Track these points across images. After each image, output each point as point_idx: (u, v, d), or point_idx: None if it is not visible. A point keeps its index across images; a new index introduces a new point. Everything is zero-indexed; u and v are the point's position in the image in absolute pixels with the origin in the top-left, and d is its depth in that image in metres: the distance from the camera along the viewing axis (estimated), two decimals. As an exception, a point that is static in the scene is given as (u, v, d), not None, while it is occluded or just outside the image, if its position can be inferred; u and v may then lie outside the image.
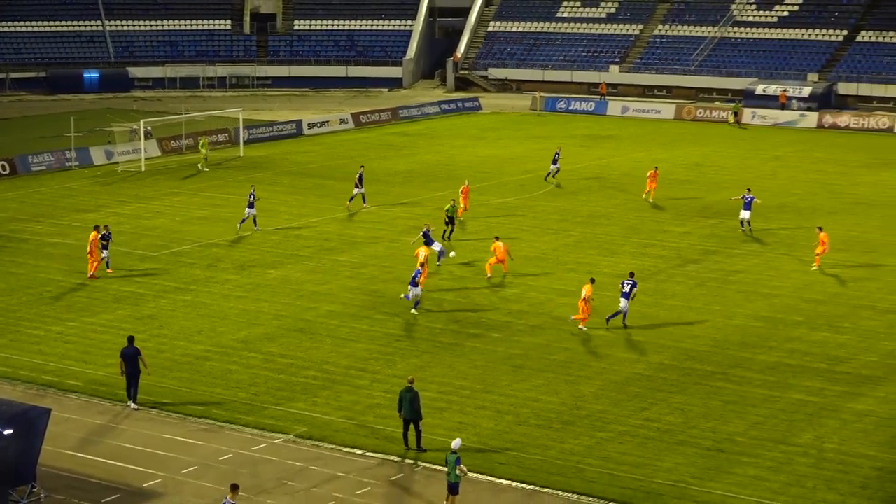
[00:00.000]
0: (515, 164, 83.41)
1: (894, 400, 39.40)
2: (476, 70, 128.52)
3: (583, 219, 65.22)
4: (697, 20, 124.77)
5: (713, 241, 60.44)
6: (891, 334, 45.92)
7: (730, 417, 37.98)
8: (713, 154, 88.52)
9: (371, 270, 55.06)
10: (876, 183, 76.81)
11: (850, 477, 33.78)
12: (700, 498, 32.59)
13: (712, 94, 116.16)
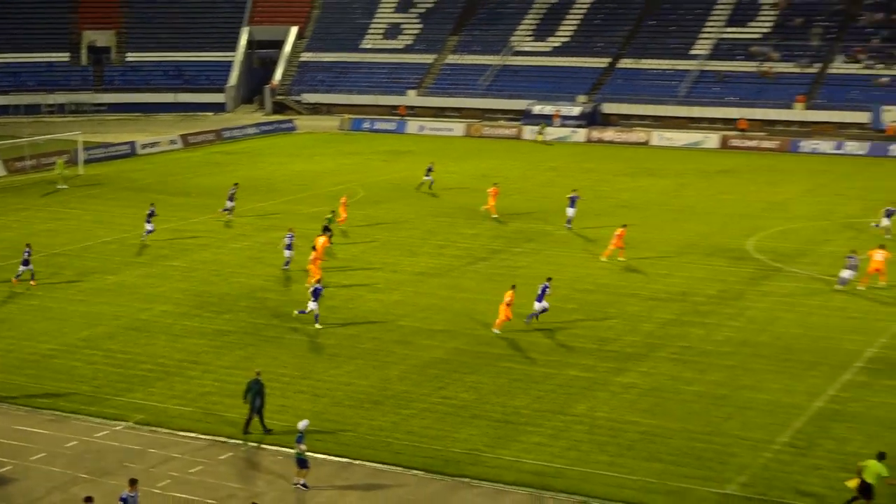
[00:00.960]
0: (328, 177, 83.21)
1: (654, 373, 40.45)
2: (291, 95, 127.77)
3: (387, 224, 65.39)
4: (482, 50, 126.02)
5: (499, 241, 61.20)
6: (651, 317, 47.10)
7: (516, 393, 38.54)
8: (498, 166, 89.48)
9: (200, 274, 54.40)
10: (636, 188, 78.68)
11: (619, 440, 34.60)
12: (491, 463, 33.03)
13: (496, 114, 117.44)
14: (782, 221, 66.53)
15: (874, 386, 39.03)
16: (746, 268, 55.59)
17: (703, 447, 34.03)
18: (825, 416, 36.41)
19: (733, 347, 43.25)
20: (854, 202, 73.39)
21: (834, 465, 32.70)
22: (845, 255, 52.54)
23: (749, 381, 39.52)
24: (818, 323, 46.33)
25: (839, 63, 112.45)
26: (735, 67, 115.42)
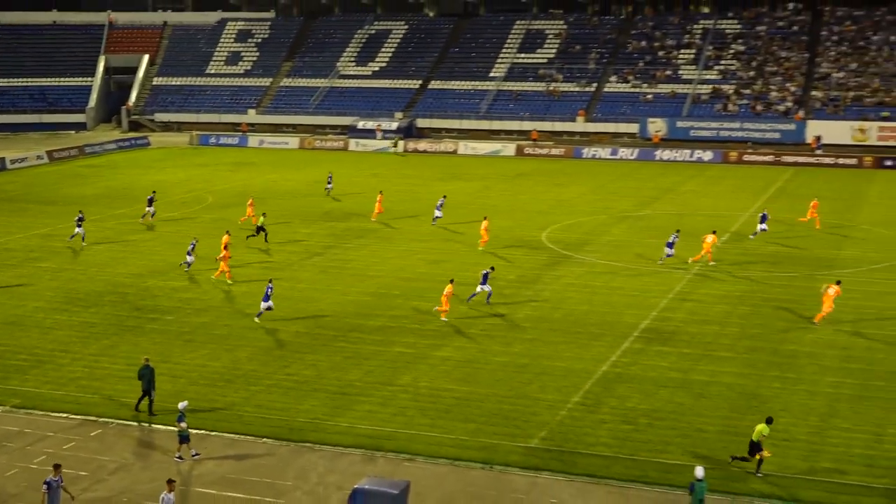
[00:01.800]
0: (180, 186, 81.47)
1: (467, 347, 40.75)
2: (145, 115, 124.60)
3: (234, 225, 64.31)
4: (313, 74, 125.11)
5: (331, 238, 60.84)
6: (463, 301, 47.41)
7: (349, 368, 38.37)
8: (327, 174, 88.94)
9: (68, 273, 52.63)
10: (447, 191, 79.05)
11: (438, 405, 34.75)
12: (330, 430, 32.82)
13: (326, 129, 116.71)
14: (569, 216, 67.83)
15: (648, 352, 40.09)
16: (541, 256, 56.47)
17: (510, 408, 34.42)
18: (609, 378, 37.22)
19: (532, 323, 43.86)
20: (627, 199, 75.32)
21: (617, 419, 33.45)
22: (672, 234, 54.65)
23: (546, 352, 40.15)
24: (602, 300, 47.34)
25: (612, 83, 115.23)
26: (527, 87, 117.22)
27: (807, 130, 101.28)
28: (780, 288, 49.32)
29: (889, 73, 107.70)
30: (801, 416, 33.40)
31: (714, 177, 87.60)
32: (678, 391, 35.72)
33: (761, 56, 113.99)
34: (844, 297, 46.80)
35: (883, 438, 31.59)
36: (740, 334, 42.09)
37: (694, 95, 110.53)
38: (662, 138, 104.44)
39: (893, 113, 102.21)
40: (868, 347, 40.29)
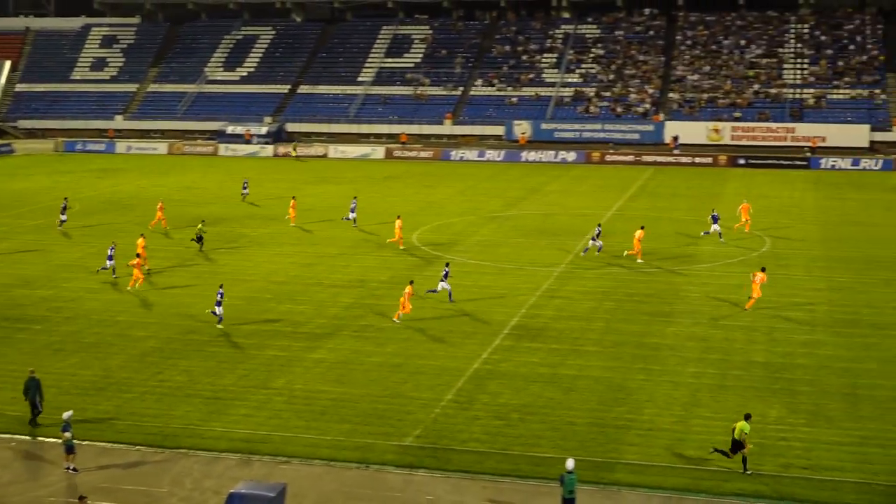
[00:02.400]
0: (45, 193, 79.09)
1: (340, 349, 40.54)
2: (7, 122, 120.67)
3: (101, 231, 62.73)
4: (180, 79, 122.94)
5: (204, 243, 59.79)
6: (335, 302, 47.19)
7: (223, 373, 37.80)
8: (198, 179, 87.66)
9: (-71, 284, 50.68)
10: (318, 194, 78.70)
11: (313, 407, 34.47)
12: (206, 435, 32.27)
13: (195, 134, 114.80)
14: (439, 217, 68.10)
15: (518, 348, 40.49)
16: (412, 257, 56.53)
17: (384, 408, 34.36)
18: (481, 375, 37.46)
19: (405, 323, 43.85)
20: (495, 200, 76.01)
21: (489, 415, 33.69)
22: (596, 227, 56.60)
23: (419, 351, 40.20)
24: (472, 299, 47.60)
25: (478, 87, 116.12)
26: (395, 91, 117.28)
27: (665, 131, 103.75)
28: (643, 283, 50.37)
29: (740, 76, 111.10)
30: (666, 406, 34.17)
31: (578, 177, 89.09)
32: (548, 386, 36.17)
33: (620, 60, 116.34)
34: (702, 290, 48.11)
35: (742, 425, 32.52)
36: (606, 329, 42.85)
37: (557, 98, 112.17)
38: (528, 140, 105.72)
39: (745, 114, 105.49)
40: (725, 338, 41.46)
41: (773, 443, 31.19)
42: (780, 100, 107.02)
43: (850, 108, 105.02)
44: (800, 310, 45.54)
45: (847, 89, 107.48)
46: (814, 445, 31.02)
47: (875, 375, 36.98)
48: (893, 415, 33.24)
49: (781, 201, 75.36)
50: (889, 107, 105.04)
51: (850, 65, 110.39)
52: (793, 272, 52.50)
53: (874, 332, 42.22)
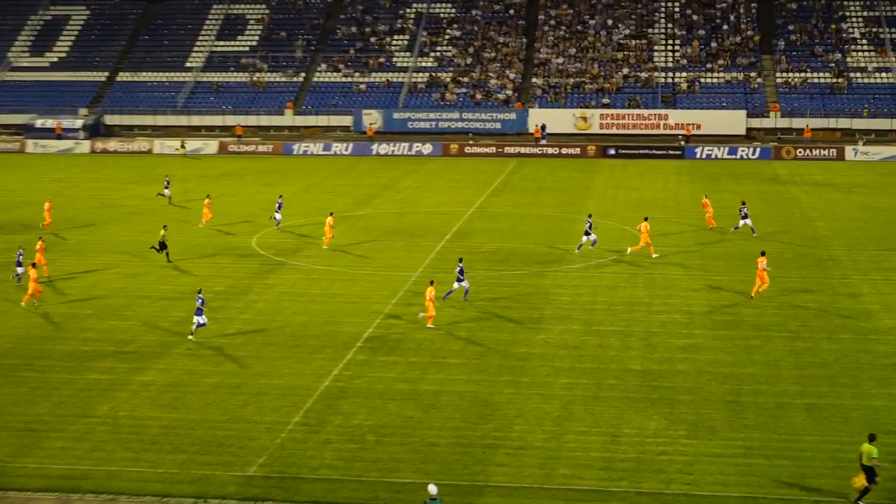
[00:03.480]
0: None
1: (172, 369, 39.80)
2: None
3: None
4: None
5: (9, 253, 58.01)
6: (165, 317, 46.33)
7: (37, 401, 36.65)
8: (4, 179, 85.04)
9: None
10: (142, 195, 77.19)
11: (142, 436, 33.72)
12: (17, 472, 31.21)
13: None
14: (283, 218, 67.50)
15: (373, 363, 40.41)
16: (252, 263, 55.96)
17: (224, 434, 33.85)
18: (332, 394, 37.25)
19: (245, 339, 43.36)
20: (344, 198, 75.83)
21: (342, 438, 33.51)
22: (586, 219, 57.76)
23: (262, 369, 39.77)
24: (321, 309, 47.37)
25: (322, 72, 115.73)
26: (228, 78, 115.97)
27: (528, 119, 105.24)
28: (508, 287, 50.90)
29: (607, 59, 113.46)
30: (536, 421, 34.56)
31: (435, 171, 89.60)
32: (407, 403, 36.20)
33: (478, 42, 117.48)
34: (573, 293, 48.89)
35: (619, 439, 33.12)
36: (469, 338, 43.13)
37: (410, 84, 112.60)
38: (378, 131, 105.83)
39: (614, 100, 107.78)
40: (599, 345, 42.19)
41: (653, 457, 31.85)
42: (652, 84, 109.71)
43: (726, 93, 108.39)
44: (677, 312, 46.69)
45: (721, 72, 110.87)
46: (696, 459, 31.79)
47: (758, 381, 38.15)
48: (778, 423, 34.33)
49: (655, 194, 77.21)
50: (766, 91, 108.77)
51: (724, 46, 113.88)
52: (669, 271, 53.79)
53: (756, 333, 43.56)
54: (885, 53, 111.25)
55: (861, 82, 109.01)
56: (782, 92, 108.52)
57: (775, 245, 59.15)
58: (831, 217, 67.62)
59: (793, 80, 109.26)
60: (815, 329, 44.14)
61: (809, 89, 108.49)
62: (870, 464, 29.02)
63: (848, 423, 34.24)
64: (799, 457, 31.76)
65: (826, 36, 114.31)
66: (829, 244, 59.79)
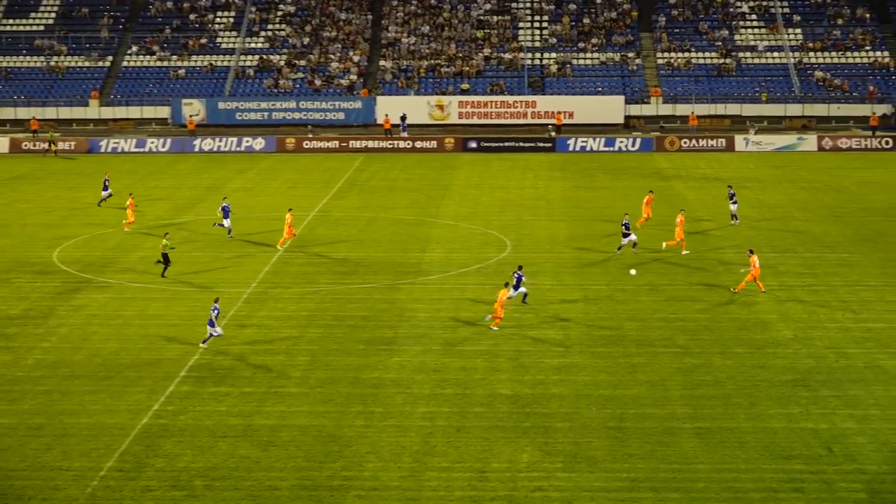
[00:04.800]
0: None
1: (-42, 410, 38.94)
2: None
3: None
4: None
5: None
6: (-52, 347, 45.29)
7: None
8: None
9: None
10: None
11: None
12: None
13: None
14: (88, 228, 66.48)
15: (201, 395, 40.04)
16: (53, 282, 54.98)
17: (23, 484, 33.16)
18: (152, 433, 36.79)
19: (46, 371, 42.55)
20: (161, 203, 75.03)
21: (165, 484, 33.13)
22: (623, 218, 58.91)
23: (68, 406, 39.07)
24: (137, 334, 46.75)
25: (133, 56, 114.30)
26: (20, 62, 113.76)
27: (377, 108, 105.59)
28: (357, 303, 50.97)
29: (466, 38, 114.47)
30: (393, 458, 34.65)
31: (269, 169, 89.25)
32: (241, 441, 35.97)
33: (316, 19, 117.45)
34: (432, 308, 49.25)
35: (487, 475, 33.41)
36: (312, 364, 43.06)
37: (237, 69, 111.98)
38: (200, 124, 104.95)
39: (475, 85, 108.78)
40: (463, 367, 42.51)
41: (526, 494, 32.20)
42: (517, 67, 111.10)
43: (601, 76, 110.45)
44: (551, 328, 47.31)
45: (596, 53, 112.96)
46: (575, 494, 32.24)
47: (643, 403, 38.89)
48: (666, 450, 35.04)
49: (523, 193, 78.16)
50: (646, 73, 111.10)
51: (597, 23, 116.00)
52: (540, 281, 54.48)
53: (640, 350, 44.41)
54: (776, 30, 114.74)
55: (751, 63, 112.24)
56: (664, 74, 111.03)
57: (656, 248, 60.35)
58: (721, 216, 69.30)
59: (675, 61, 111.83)
60: (705, 343, 45.21)
61: (694, 71, 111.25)
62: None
63: (744, 448, 35.14)
64: (690, 488, 32.46)
65: (712, 11, 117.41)
66: (719, 246, 61.31)
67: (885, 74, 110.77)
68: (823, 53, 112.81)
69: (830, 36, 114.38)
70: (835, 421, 37.15)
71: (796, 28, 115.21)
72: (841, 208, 67.72)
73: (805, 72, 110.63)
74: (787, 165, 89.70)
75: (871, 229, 64.79)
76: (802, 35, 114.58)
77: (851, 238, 62.07)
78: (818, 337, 45.82)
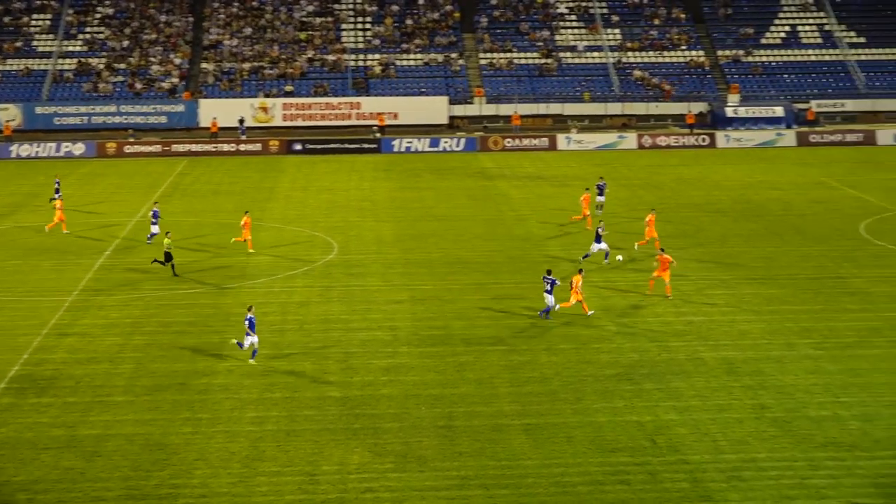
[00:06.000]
0: None
1: None
2: None
3: None
4: None
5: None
6: None
7: None
8: None
9: None
10: None
11: None
12: None
13: None
14: None
15: (22, 406, 39.16)
16: None
17: None
18: (-28, 447, 35.96)
19: None
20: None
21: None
22: None
23: None
24: (-47, 346, 45.57)
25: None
26: None
27: (199, 111, 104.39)
28: (183, 309, 50.42)
29: (289, 40, 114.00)
30: (222, 464, 34.37)
31: (90, 175, 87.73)
32: (65, 452, 35.31)
33: (136, 21, 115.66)
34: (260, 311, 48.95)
35: (317, 478, 33.36)
36: (138, 371, 42.47)
37: (55, 73, 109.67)
38: (16, 129, 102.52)
39: (299, 87, 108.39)
40: (291, 371, 42.36)
41: (357, 496, 32.25)
42: (341, 68, 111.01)
43: (425, 77, 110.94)
44: (379, 328, 47.42)
45: (419, 54, 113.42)
46: (405, 494, 32.38)
47: (472, 401, 39.23)
48: (495, 447, 35.39)
49: (349, 195, 78.18)
50: (469, 74, 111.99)
51: (420, 24, 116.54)
52: (368, 282, 54.57)
53: (467, 348, 44.77)
54: (596, 30, 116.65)
55: (571, 63, 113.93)
56: (487, 75, 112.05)
57: (482, 247, 60.94)
58: (544, 214, 70.25)
59: (498, 62, 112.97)
60: (532, 340, 45.79)
61: (516, 71, 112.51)
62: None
63: (571, 442, 35.70)
64: (520, 484, 32.86)
65: (532, 12, 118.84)
66: (544, 244, 62.16)
67: (701, 73, 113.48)
68: (641, 53, 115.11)
69: (648, 36, 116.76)
70: (658, 413, 37.99)
71: (615, 28, 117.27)
72: (661, 204, 69.11)
73: (624, 71, 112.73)
74: (608, 163, 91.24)
75: (689, 225, 66.41)
76: (621, 35, 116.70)
77: (671, 234, 63.39)
78: (641, 331, 46.79)
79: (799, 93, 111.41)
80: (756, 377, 41.27)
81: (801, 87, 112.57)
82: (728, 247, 60.88)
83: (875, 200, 73.67)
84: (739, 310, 49.61)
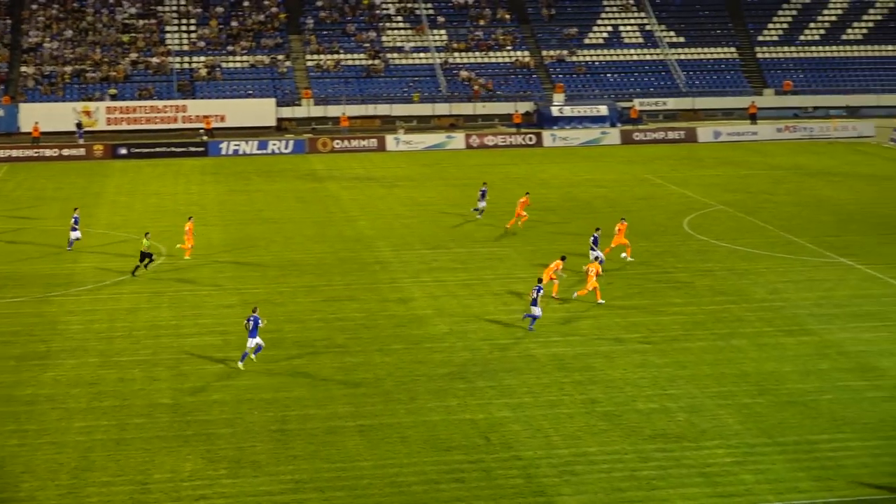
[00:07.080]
0: None
1: None
2: None
3: None
4: None
5: None
6: None
7: None
8: None
9: None
10: None
11: None
12: None
13: None
14: None
15: None
16: None
17: None
18: None
19: None
20: None
21: None
22: None
23: None
24: None
25: None
26: None
27: (20, 116, 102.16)
28: (6, 318, 49.27)
29: (111, 42, 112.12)
30: (49, 476, 33.63)
31: None
32: None
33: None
34: (86, 319, 48.10)
35: (149, 487, 32.86)
36: (-40, 384, 41.36)
37: None
38: None
39: (123, 90, 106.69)
40: (121, 378, 41.66)
41: (190, 503, 31.87)
42: (165, 71, 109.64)
43: (251, 79, 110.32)
44: (210, 333, 46.94)
45: (245, 55, 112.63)
46: (240, 500, 32.10)
47: (306, 404, 39.07)
48: (330, 450, 35.30)
49: (177, 199, 77.22)
50: (296, 75, 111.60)
51: (246, 26, 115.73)
52: (198, 288, 53.97)
53: (301, 351, 44.58)
54: (422, 31, 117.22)
55: (399, 63, 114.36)
56: (314, 76, 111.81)
57: (315, 249, 60.79)
58: (374, 215, 70.39)
59: (325, 63, 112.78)
60: (364, 341, 45.80)
61: (344, 73, 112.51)
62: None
63: (405, 442, 35.79)
64: (355, 486, 32.83)
65: (359, 13, 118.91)
66: (374, 245, 62.23)
67: (527, 73, 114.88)
68: (468, 53, 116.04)
69: (474, 36, 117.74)
70: (491, 411, 38.31)
71: (441, 29, 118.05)
72: (490, 204, 69.66)
73: (451, 71, 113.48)
74: (437, 163, 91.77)
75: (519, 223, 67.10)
76: (447, 36, 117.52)
77: (501, 233, 63.97)
78: (472, 330, 47.14)
79: (622, 92, 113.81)
80: (586, 372, 41.93)
81: (624, 86, 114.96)
82: (556, 244, 61.60)
83: (697, 196, 75.52)
84: (565, 307, 50.33)
